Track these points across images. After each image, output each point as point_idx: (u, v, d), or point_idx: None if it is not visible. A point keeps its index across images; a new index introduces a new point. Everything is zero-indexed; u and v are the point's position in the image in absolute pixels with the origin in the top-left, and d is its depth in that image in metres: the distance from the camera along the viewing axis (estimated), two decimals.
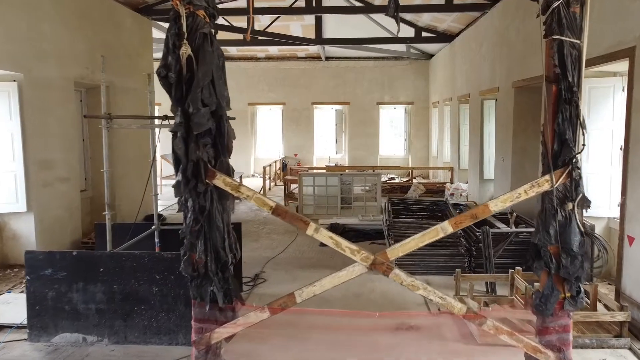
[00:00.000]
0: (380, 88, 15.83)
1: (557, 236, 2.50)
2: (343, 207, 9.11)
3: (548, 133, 2.53)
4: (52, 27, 6.36)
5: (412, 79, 15.76)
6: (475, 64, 9.78)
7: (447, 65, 12.80)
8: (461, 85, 11.01)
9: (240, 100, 16.01)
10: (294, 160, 16.15)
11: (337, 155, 16.27)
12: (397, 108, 16.26)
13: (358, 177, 9.67)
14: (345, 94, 15.90)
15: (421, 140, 15.84)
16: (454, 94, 11.61)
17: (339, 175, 9.18)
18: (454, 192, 10.89)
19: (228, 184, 2.63)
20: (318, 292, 2.64)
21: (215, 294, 2.66)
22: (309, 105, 16.01)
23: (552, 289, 2.53)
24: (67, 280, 3.91)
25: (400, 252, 2.62)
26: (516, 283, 4.67)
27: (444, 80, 13.08)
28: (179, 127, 2.49)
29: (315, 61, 15.88)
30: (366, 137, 15.98)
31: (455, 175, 11.74)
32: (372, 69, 15.82)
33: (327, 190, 9.17)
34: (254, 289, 5.34)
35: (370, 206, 9.16)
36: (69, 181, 6.58)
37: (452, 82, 11.94)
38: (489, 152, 9.23)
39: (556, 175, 2.48)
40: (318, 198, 9.20)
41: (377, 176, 9.22)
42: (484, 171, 9.33)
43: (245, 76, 15.99)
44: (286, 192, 10.73)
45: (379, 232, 7.61)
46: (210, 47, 2.57)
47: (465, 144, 11.14)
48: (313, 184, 9.19)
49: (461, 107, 11.16)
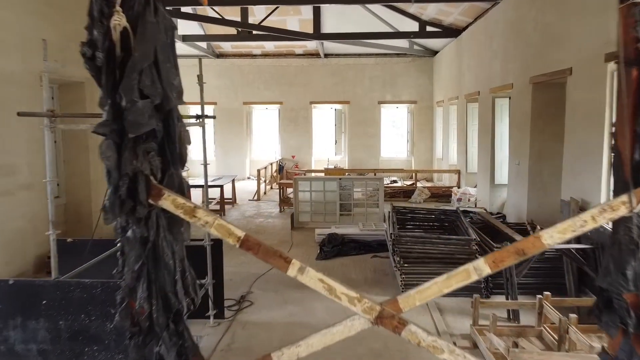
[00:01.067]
0: (381, 86, 15.12)
1: (637, 281, 1.79)
2: (342, 214, 8.40)
3: (625, 135, 1.80)
4: (13, 14, 5.64)
5: (415, 77, 15.04)
6: (485, 59, 9.06)
7: (452, 61, 12.08)
8: (469, 82, 10.28)
9: (235, 100, 15.31)
10: (291, 162, 15.44)
11: (336, 157, 15.55)
12: (400, 107, 15.54)
13: (358, 181, 8.94)
14: (345, 93, 15.18)
15: (424, 141, 15.11)
16: (461, 92, 10.89)
17: (337, 179, 8.45)
18: (462, 197, 10.18)
19: (180, 206, 1.91)
20: (303, 355, 1.92)
21: (164, 357, 1.94)
22: (307, 104, 15.30)
23: (631, 353, 1.81)
24: (1, 314, 3.19)
25: (417, 300, 1.90)
26: (545, 312, 3.95)
27: (450, 77, 12.36)
28: (105, 126, 1.77)
29: (314, 58, 15.17)
30: (367, 138, 15.26)
31: (462, 179, 11.01)
32: (373, 66, 15.10)
33: (325, 195, 8.45)
34: (237, 314, 4.61)
35: (371, 213, 8.44)
36: (34, 188, 5.86)
37: (459, 80, 11.21)
38: (501, 154, 8.50)
39: (637, 196, 1.76)
40: (315, 204, 8.48)
41: (379, 180, 8.49)
42: (496, 175, 8.60)
43: (240, 74, 15.28)
44: (281, 197, 10.02)
45: (381, 243, 6.89)
46: (154, 17, 1.85)
47: (473, 145, 10.42)
48: (310, 189, 8.47)
49: (469, 106, 10.43)
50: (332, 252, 6.68)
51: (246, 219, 9.17)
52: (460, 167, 11.18)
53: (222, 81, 15.25)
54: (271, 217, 9.42)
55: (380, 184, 8.43)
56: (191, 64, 15.77)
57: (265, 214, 9.73)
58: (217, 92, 15.28)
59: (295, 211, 8.45)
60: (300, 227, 8.33)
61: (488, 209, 8.80)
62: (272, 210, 10.13)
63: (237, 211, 10.01)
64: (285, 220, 8.94)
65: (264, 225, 8.64)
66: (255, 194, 11.54)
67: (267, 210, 10.10)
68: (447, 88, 12.62)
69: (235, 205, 10.60)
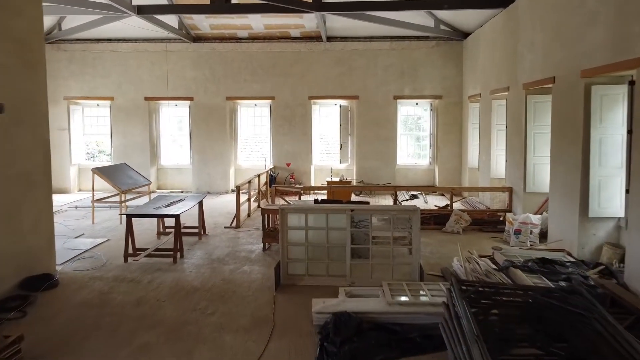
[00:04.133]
0: (398, 77, 12.12)
1: None
2: (355, 263, 5.41)
3: None
4: None
5: (440, 66, 12.04)
6: (571, 27, 6.07)
7: (498, 41, 9.08)
8: (533, 66, 7.29)
9: (216, 94, 12.34)
10: (285, 171, 12.45)
11: (341, 165, 12.56)
12: (420, 104, 12.55)
13: (380, 214, 5.90)
14: (353, 86, 12.20)
15: (451, 146, 12.11)
16: (517, 81, 7.90)
17: (348, 212, 5.44)
18: (521, 229, 7.18)
19: None
20: None
21: None
22: (306, 100, 12.32)
23: None
24: None
25: None
26: None
27: (494, 63, 9.36)
28: None
29: (314, 42, 12.18)
30: (380, 141, 12.26)
31: (517, 201, 8.02)
32: (388, 52, 12.10)
33: (329, 236, 5.46)
34: None
35: (402, 264, 5.45)
36: None
37: (512, 65, 8.22)
38: (601, 171, 5.53)
39: None
40: (313, 249, 5.50)
41: (412, 212, 5.48)
42: (591, 203, 5.61)
43: (222, 62, 12.29)
44: (265, 227, 7.03)
45: (426, 335, 3.92)
46: None
47: (537, 154, 7.45)
48: (304, 224, 5.48)
49: (532, 99, 7.45)
50: (343, 355, 3.69)
51: (211, 266, 6.19)
52: (513, 184, 8.18)
53: (199, 71, 12.28)
54: (250, 259, 6.45)
55: (414, 218, 5.40)
56: (161, 49, 12.85)
57: (243, 254, 6.75)
58: (193, 85, 12.32)
59: (283, 260, 5.46)
60: (290, 285, 5.37)
61: (575, 252, 5.81)
62: (254, 246, 7.16)
63: (202, 249, 7.03)
64: (268, 268, 5.98)
65: (235, 280, 5.66)
66: (234, 220, 8.56)
67: (246, 247, 7.13)
68: (489, 77, 9.63)
69: (202, 238, 7.62)
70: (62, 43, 12.20)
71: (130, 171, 9.74)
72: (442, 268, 5.90)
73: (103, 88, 12.37)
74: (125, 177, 9.33)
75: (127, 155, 12.38)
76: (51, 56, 12.09)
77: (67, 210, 10.04)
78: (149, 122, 12.51)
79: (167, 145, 13.09)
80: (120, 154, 12.45)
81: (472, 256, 5.88)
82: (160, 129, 12.87)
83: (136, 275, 5.77)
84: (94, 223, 8.75)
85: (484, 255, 6.22)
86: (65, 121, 12.44)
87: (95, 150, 15.81)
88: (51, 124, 13.33)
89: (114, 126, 12.50)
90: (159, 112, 12.84)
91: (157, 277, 5.73)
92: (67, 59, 12.30)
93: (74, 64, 12.32)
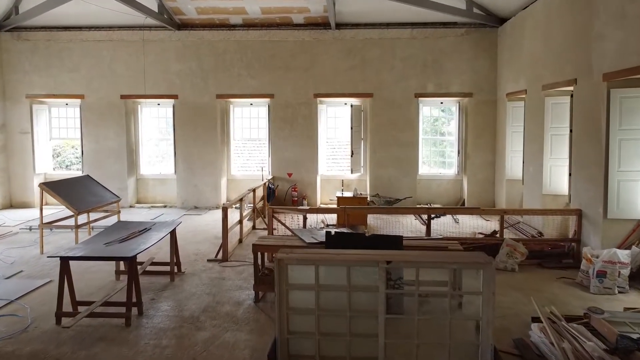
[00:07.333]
0: (420, 72, 10.24)
1: None
2: (391, 342, 3.51)
3: None
4: None
5: (470, 58, 10.16)
6: None
7: (557, 22, 7.20)
8: (623, 49, 5.40)
9: (204, 91, 10.49)
10: (287, 182, 10.58)
11: (352, 176, 10.68)
12: (446, 103, 10.67)
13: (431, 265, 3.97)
14: (366, 82, 10.32)
15: (483, 153, 10.22)
16: (590, 72, 6.01)
17: (382, 265, 3.54)
18: (606, 270, 5.28)
19: None
20: None
21: None
22: (310, 98, 10.45)
23: None
24: None
25: None
26: None
27: (549, 51, 7.47)
28: None
29: (320, 30, 10.31)
30: (398, 147, 10.38)
31: (589, 228, 6.10)
32: (408, 42, 10.23)
33: (352, 299, 3.56)
34: None
35: (462, 345, 3.55)
36: None
37: (582, 51, 6.32)
38: None
39: None
40: (328, 320, 3.60)
41: (483, 265, 3.55)
42: None
43: (212, 54, 10.43)
44: (258, 271, 5.12)
45: None
46: None
47: (623, 167, 5.57)
48: (314, 281, 3.59)
49: (614, 95, 5.56)
50: None
51: (179, 332, 4.30)
52: (583, 206, 6.28)
53: (185, 64, 10.42)
54: (235, 318, 4.57)
55: (485, 275, 3.49)
56: (139, 37, 10.87)
57: (226, 307, 4.87)
58: (177, 81, 10.46)
59: (281, 335, 3.57)
60: None
61: None
62: (243, 292, 5.29)
63: (172, 298, 5.14)
64: (261, 336, 4.10)
65: (210, 359, 3.77)
66: (219, 251, 6.68)
67: (232, 294, 5.25)
68: (541, 69, 7.73)
69: (176, 278, 5.74)
70: (22, 31, 10.34)
71: (94, 186, 7.88)
72: (516, 340, 4.01)
73: (71, 84, 10.52)
74: (86, 194, 7.47)
75: (100, 163, 10.54)
76: (9, 46, 10.24)
77: (17, 233, 8.19)
78: (126, 124, 10.65)
79: (148, 152, 11.24)
80: (93, 162, 10.60)
81: (558, 320, 4.02)
82: (139, 133, 11.00)
83: (64, 353, 3.89)
84: (42, 253, 6.89)
85: (570, 316, 4.33)
86: (28, 123, 10.57)
87: (73, 156, 13.96)
88: (11, 127, 10.92)
89: (84, 129, 10.65)
90: (139, 112, 10.98)
91: (94, 355, 3.85)
92: (29, 50, 10.43)
93: (37, 56, 10.45)
